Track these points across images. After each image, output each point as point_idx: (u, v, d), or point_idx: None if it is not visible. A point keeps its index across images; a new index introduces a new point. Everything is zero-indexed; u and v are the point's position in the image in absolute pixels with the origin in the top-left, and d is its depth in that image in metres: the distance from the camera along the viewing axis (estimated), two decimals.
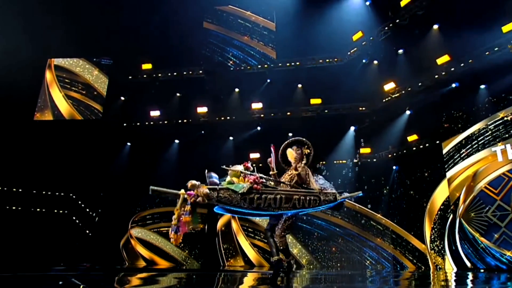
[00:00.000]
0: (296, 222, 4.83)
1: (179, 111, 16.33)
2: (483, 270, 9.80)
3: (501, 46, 10.86)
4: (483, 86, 11.25)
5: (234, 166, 4.18)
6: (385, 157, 13.96)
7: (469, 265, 10.41)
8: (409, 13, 13.25)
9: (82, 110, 16.56)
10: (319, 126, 14.40)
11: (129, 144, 16.48)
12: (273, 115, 15.72)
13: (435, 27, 12.73)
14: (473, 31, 10.89)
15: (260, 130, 15.69)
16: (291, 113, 15.56)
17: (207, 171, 4.10)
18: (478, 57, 11.41)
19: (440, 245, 11.56)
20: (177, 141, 16.30)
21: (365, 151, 14.38)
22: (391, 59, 13.97)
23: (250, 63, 16.66)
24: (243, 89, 16.29)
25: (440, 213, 11.69)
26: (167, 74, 16.73)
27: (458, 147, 11.22)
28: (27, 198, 14.80)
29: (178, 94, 16.70)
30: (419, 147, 12.88)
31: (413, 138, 12.99)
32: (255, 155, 13.92)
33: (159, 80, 16.71)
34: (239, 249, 14.19)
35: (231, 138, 15.87)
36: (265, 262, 13.38)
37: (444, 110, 12.18)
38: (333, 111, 15.08)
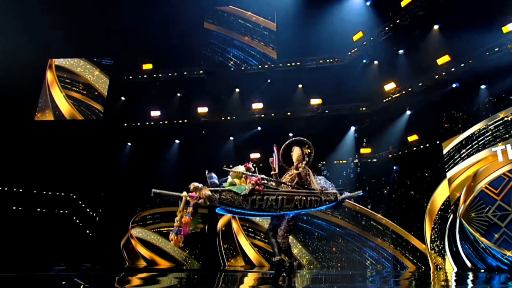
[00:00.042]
0: (296, 222, 4.84)
1: (180, 111, 16.33)
2: (484, 270, 9.79)
3: (502, 46, 10.86)
4: (483, 86, 11.24)
5: (235, 167, 4.20)
6: (386, 157, 13.95)
7: (469, 265, 10.41)
8: (409, 13, 13.25)
9: (83, 110, 16.58)
10: (319, 126, 14.36)
11: (129, 144, 16.48)
12: (273, 115, 15.71)
13: (436, 27, 12.72)
14: (473, 31, 10.90)
15: (260, 130, 15.69)
16: (292, 113, 15.55)
17: (207, 171, 4.11)
18: (478, 57, 11.41)
19: (440, 245, 11.55)
20: (177, 141, 16.31)
21: (365, 151, 14.37)
22: (392, 59, 13.97)
23: (250, 63, 16.65)
24: (244, 89, 16.28)
25: (440, 213, 11.68)
26: (168, 74, 16.72)
27: (458, 147, 11.22)
28: (27, 198, 14.79)
29: (178, 94, 16.71)
30: (420, 147, 12.87)
31: (414, 138, 12.98)
32: (255, 155, 13.94)
33: (160, 80, 16.70)
34: (239, 249, 14.19)
35: (232, 138, 15.88)
36: (266, 262, 13.36)
37: (444, 110, 12.16)
38: (334, 111, 15.07)
